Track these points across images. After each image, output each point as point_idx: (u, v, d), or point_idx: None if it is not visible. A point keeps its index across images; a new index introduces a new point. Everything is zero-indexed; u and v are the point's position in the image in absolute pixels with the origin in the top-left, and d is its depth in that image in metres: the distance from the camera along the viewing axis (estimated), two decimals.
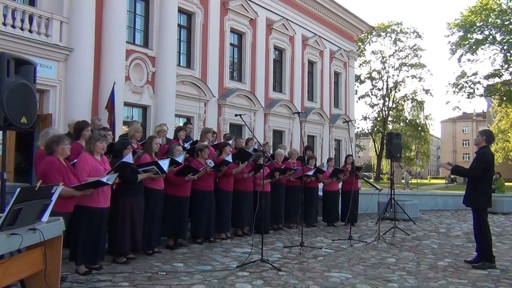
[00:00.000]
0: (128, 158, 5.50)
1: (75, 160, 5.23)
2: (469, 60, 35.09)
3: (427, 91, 45.54)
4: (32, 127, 5.02)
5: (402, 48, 45.13)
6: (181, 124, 12.34)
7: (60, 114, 10.51)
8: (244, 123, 8.06)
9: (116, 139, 7.86)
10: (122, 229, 5.68)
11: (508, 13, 32.18)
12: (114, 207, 5.52)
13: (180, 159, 6.52)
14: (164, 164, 6.04)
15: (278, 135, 18.64)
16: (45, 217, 3.69)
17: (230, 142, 8.57)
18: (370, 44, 45.28)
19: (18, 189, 3.23)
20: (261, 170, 7.55)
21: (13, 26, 9.64)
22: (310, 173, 9.26)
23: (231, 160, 7.40)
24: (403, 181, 36.94)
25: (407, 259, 6.58)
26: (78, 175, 4.90)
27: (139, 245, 5.93)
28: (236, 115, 6.93)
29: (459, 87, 35.35)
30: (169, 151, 6.80)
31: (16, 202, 3.19)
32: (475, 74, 35.41)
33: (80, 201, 4.95)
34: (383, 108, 45.83)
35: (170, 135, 9.44)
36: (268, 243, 7.32)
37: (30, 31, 9.97)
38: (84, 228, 5.08)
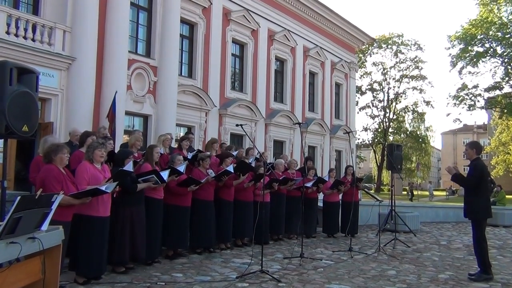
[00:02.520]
0: (129, 167, 5.50)
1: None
2: (470, 72, 35.16)
3: (427, 103, 45.66)
4: (33, 135, 5.03)
5: (403, 60, 45.36)
6: (182, 134, 12.38)
7: (62, 123, 10.53)
8: (245, 133, 8.08)
9: (117, 148, 7.86)
10: (121, 238, 5.63)
11: (508, 26, 32.30)
12: (113, 216, 5.49)
13: (181, 168, 6.51)
14: (164, 174, 6.03)
15: (278, 145, 18.65)
16: (45, 225, 3.68)
17: (234, 153, 8.58)
18: (371, 56, 45.54)
19: (18, 197, 3.22)
20: (261, 180, 7.54)
21: (16, 35, 9.70)
22: (309, 184, 9.23)
23: (232, 171, 7.39)
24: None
25: (407, 271, 6.54)
26: (77, 183, 4.90)
27: (140, 254, 5.86)
28: (237, 125, 6.94)
29: (459, 99, 35.36)
30: (169, 160, 6.80)
31: (16, 210, 3.19)
32: (476, 86, 35.45)
33: (79, 209, 4.93)
34: (384, 120, 45.89)
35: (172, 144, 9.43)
36: (268, 254, 7.29)
37: (33, 40, 10.03)
38: (84, 237, 5.05)
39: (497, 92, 34.75)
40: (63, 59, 10.54)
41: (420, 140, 46.25)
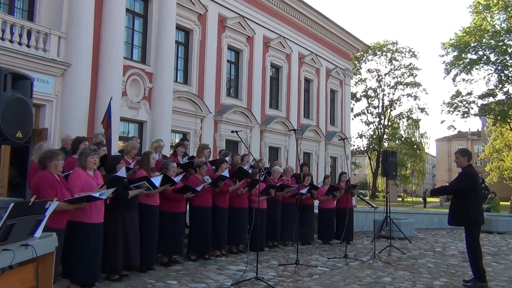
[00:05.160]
0: (122, 172, 5.46)
1: (69, 172, 5.19)
2: (463, 79, 35.37)
3: (422, 110, 45.86)
4: (27, 141, 5.01)
5: (398, 67, 45.61)
6: (177, 140, 12.33)
7: (56, 129, 10.47)
8: (240, 140, 8.07)
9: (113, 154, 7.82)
10: (113, 245, 5.55)
11: (501, 34, 32.61)
12: (105, 223, 5.41)
13: (177, 178, 6.47)
14: (156, 180, 5.99)
15: (274, 151, 18.65)
16: (38, 232, 3.65)
17: (227, 158, 8.56)
18: (366, 63, 45.71)
19: (12, 204, 3.19)
20: (257, 186, 7.53)
21: (11, 41, 9.65)
22: (304, 191, 9.22)
23: (227, 175, 7.38)
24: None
25: (403, 278, 6.53)
26: (70, 191, 4.86)
27: (134, 262, 5.80)
28: (232, 132, 6.94)
29: (454, 106, 35.54)
30: (163, 167, 6.77)
31: (9, 217, 3.16)
32: (469, 93, 35.65)
33: (73, 216, 4.89)
34: (379, 126, 46.05)
35: (166, 151, 9.40)
36: (263, 260, 7.27)
37: (28, 46, 9.99)
38: (77, 244, 5.01)
39: (491, 99, 34.98)
40: (58, 65, 10.51)
41: (415, 146, 46.40)
